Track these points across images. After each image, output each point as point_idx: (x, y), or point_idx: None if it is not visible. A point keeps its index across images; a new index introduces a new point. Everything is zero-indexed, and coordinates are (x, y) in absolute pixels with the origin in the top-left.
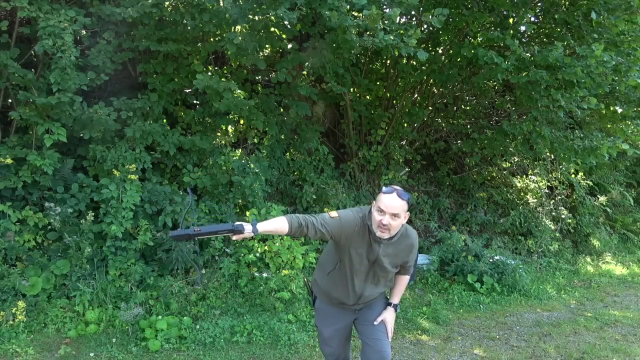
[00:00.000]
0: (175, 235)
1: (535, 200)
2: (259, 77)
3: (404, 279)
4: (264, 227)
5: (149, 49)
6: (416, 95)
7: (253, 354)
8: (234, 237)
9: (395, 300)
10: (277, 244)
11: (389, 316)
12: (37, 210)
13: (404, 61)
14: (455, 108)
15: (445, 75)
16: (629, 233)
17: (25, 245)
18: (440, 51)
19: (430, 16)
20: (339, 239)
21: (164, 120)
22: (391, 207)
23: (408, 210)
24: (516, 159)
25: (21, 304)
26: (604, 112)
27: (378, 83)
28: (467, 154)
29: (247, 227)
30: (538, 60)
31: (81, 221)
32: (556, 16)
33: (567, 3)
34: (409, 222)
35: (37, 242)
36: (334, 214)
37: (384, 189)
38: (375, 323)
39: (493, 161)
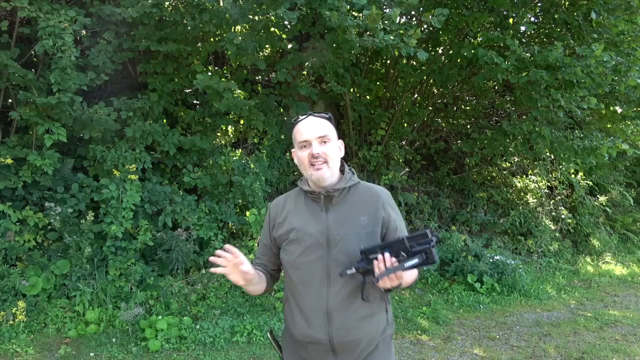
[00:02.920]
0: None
1: (535, 200)
2: (259, 77)
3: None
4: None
5: (149, 49)
6: (416, 95)
7: (253, 354)
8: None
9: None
10: None
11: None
12: (37, 210)
13: (404, 61)
14: (455, 108)
15: (445, 75)
16: (629, 233)
17: (26, 245)
18: (440, 51)
19: (430, 16)
20: (274, 236)
21: (164, 120)
22: (312, 129)
23: (340, 139)
24: (516, 159)
25: (21, 304)
26: (604, 112)
27: (378, 83)
28: (467, 154)
29: None
30: (538, 60)
31: (81, 221)
32: (556, 16)
33: (567, 3)
34: (408, 221)
35: (37, 242)
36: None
37: (293, 119)
38: None
39: (493, 161)
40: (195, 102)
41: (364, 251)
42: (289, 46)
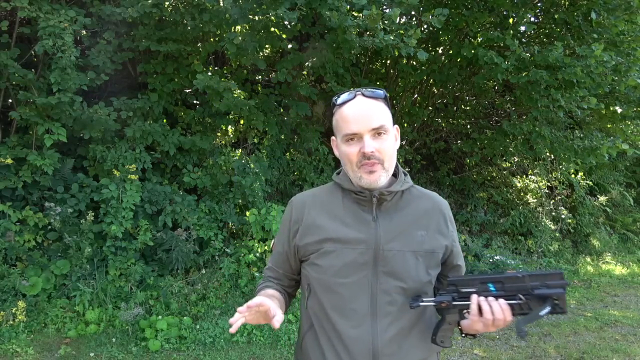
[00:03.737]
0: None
1: (535, 200)
2: (259, 77)
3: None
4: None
5: (149, 49)
6: (416, 95)
7: (253, 354)
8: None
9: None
10: None
11: None
12: (37, 210)
13: (404, 61)
14: (455, 108)
15: (445, 75)
16: (628, 233)
17: (26, 245)
18: (440, 51)
19: (430, 16)
20: (298, 244)
21: (164, 120)
22: (364, 118)
23: (395, 124)
24: (516, 159)
25: (21, 304)
26: (603, 112)
27: (378, 83)
28: (467, 154)
29: None
30: (538, 60)
31: (81, 221)
32: (556, 16)
33: (567, 3)
34: None
35: (37, 242)
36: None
37: (334, 99)
38: None
39: (493, 161)
40: (195, 102)
41: (455, 282)
42: (289, 46)
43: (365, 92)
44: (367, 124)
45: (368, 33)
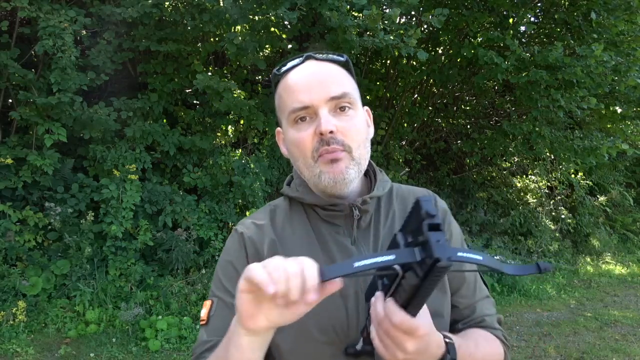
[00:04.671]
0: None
1: (535, 200)
2: (259, 77)
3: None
4: None
5: (149, 49)
6: (416, 95)
7: None
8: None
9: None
10: None
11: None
12: (37, 210)
13: (404, 61)
14: (455, 108)
15: (445, 75)
16: (628, 233)
17: (26, 245)
18: (440, 51)
19: (430, 16)
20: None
21: (164, 120)
22: (318, 80)
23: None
24: (516, 159)
25: (21, 303)
26: (603, 112)
27: (378, 83)
28: (467, 154)
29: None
30: (538, 60)
31: (81, 221)
32: (556, 16)
33: (567, 3)
34: None
35: (37, 242)
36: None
37: (275, 70)
38: None
39: (493, 161)
40: (195, 102)
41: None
42: (289, 46)
43: (318, 54)
44: (322, 92)
45: (368, 33)
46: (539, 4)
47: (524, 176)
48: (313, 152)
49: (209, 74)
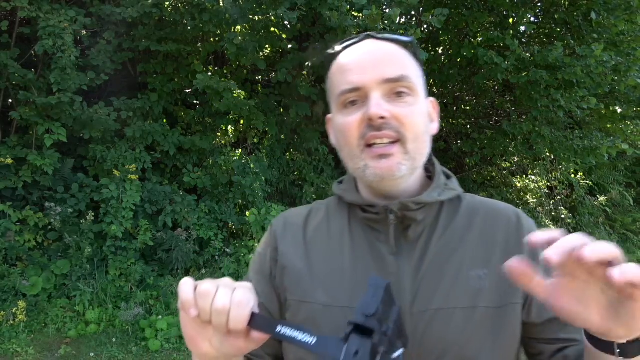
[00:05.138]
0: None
1: (535, 200)
2: (259, 77)
3: None
4: None
5: (149, 49)
6: None
7: None
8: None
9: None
10: None
11: None
12: (38, 210)
13: None
14: (455, 108)
15: (445, 75)
16: (628, 233)
17: (26, 245)
18: (440, 51)
19: (430, 16)
20: (279, 292)
21: (164, 120)
22: (373, 60)
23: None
24: (516, 159)
25: (21, 303)
26: (603, 112)
27: None
28: (467, 154)
29: None
30: (538, 60)
31: (81, 221)
32: (556, 16)
33: (567, 3)
34: None
35: (37, 242)
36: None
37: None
38: None
39: (493, 161)
40: (195, 102)
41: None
42: (289, 46)
43: (379, 34)
44: (376, 72)
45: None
46: (539, 4)
47: (524, 176)
48: (359, 140)
49: (209, 74)
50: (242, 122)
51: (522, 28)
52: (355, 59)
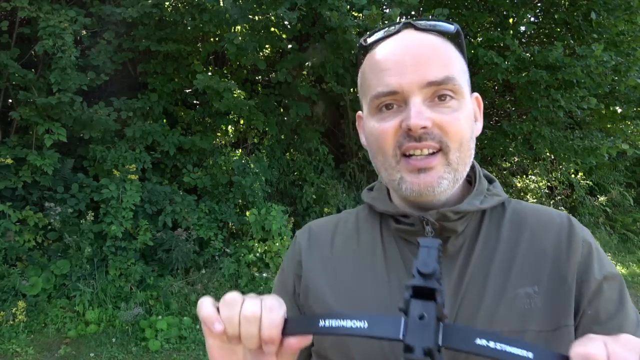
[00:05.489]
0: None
1: (535, 200)
2: (259, 77)
3: None
4: None
5: (149, 49)
6: None
7: None
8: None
9: None
10: (277, 244)
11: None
12: (37, 210)
13: None
14: None
15: None
16: (629, 233)
17: (26, 245)
18: None
19: (430, 16)
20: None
21: (164, 120)
22: (414, 58)
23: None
24: (516, 159)
25: (21, 304)
26: (603, 112)
27: None
28: None
29: None
30: (538, 60)
31: (81, 221)
32: (556, 16)
33: (567, 3)
34: None
35: (37, 242)
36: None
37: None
38: None
39: (493, 161)
40: (195, 102)
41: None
42: (289, 46)
43: (419, 23)
44: (418, 74)
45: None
46: (539, 4)
47: (524, 176)
48: (395, 149)
49: (209, 74)
50: (242, 122)
51: (522, 28)
52: (392, 56)
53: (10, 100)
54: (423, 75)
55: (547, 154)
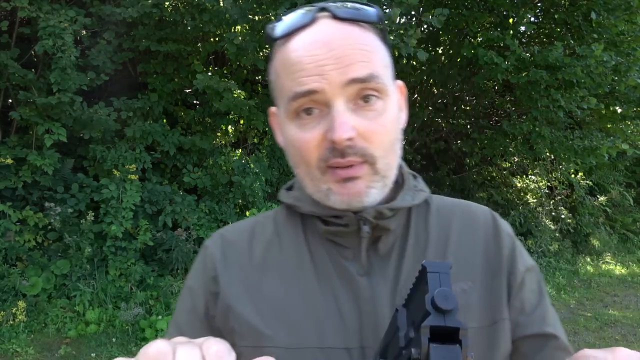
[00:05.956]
0: None
1: (535, 200)
2: (259, 77)
3: None
4: None
5: (149, 49)
6: (416, 95)
7: None
8: None
9: None
10: None
11: None
12: (37, 210)
13: (404, 61)
14: (455, 108)
15: (445, 75)
16: (628, 233)
17: (26, 245)
18: (440, 51)
19: (430, 16)
20: (223, 332)
21: (164, 120)
22: (334, 52)
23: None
24: (516, 159)
25: (21, 303)
26: (603, 112)
27: None
28: (467, 154)
29: None
30: (538, 60)
31: (81, 221)
32: (556, 16)
33: (567, 3)
34: None
35: (37, 242)
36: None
37: (270, 27)
38: None
39: (493, 161)
40: (195, 102)
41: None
42: None
43: (336, 9)
44: (339, 71)
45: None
46: (539, 4)
47: (524, 176)
48: (319, 162)
49: (209, 74)
50: (242, 122)
51: (522, 28)
52: (309, 51)
53: (10, 100)
54: (345, 72)
55: (547, 154)
